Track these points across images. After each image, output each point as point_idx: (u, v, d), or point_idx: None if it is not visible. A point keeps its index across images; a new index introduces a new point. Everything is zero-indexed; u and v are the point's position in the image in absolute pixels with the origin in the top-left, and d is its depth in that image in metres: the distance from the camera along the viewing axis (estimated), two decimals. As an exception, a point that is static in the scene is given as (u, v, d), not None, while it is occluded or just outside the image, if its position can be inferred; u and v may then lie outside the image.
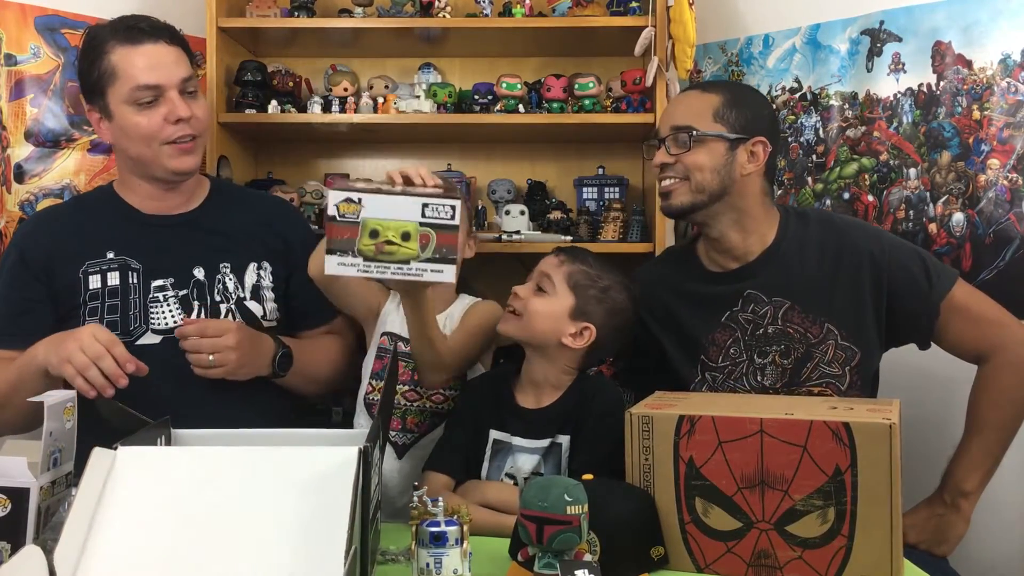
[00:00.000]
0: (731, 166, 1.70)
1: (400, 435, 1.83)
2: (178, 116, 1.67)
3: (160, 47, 1.68)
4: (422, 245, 1.30)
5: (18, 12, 2.24)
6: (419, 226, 1.31)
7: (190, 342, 1.62)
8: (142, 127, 1.67)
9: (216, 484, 1.10)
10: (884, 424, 1.24)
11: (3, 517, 1.13)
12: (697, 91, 1.79)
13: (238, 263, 1.79)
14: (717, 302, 1.76)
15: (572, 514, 1.10)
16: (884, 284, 1.70)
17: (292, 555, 1.03)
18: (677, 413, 1.34)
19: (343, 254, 1.33)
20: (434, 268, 1.30)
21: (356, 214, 1.33)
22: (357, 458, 1.07)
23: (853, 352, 1.69)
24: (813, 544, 1.27)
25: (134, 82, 1.66)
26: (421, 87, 2.38)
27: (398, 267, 1.31)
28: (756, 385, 1.72)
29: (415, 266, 1.30)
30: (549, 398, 1.62)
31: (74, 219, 1.80)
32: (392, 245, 1.31)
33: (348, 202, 1.34)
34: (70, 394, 1.24)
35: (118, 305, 1.70)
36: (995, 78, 2.06)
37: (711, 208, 1.72)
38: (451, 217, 1.30)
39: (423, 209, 1.31)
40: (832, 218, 1.84)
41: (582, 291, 1.60)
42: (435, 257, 1.31)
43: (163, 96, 1.67)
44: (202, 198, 1.85)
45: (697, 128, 1.69)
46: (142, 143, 1.69)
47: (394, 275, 1.32)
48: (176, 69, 1.69)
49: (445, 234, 1.30)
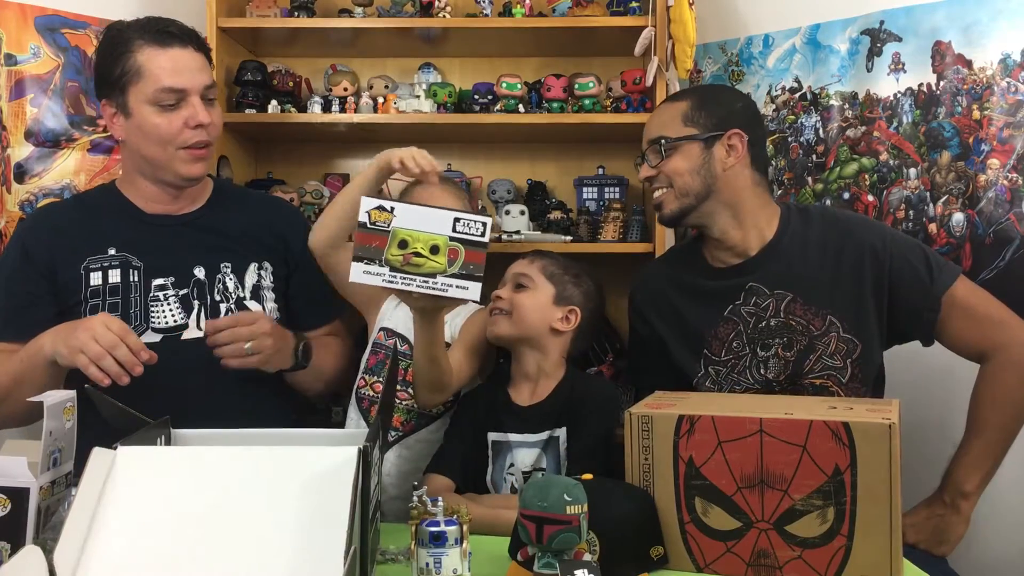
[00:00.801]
0: (710, 164, 1.74)
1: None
2: (198, 121, 1.69)
3: (187, 52, 1.71)
4: (450, 260, 1.29)
5: (18, 12, 2.24)
6: (449, 240, 1.30)
7: (226, 333, 1.61)
8: (162, 128, 1.69)
9: (216, 484, 1.11)
10: (884, 424, 1.24)
11: (3, 517, 1.13)
12: (668, 102, 1.86)
13: (239, 263, 1.79)
14: (719, 296, 1.77)
15: (572, 514, 1.11)
16: (886, 277, 1.70)
17: (292, 555, 1.03)
18: (677, 413, 1.34)
19: (370, 262, 1.32)
20: (460, 284, 1.29)
21: (387, 223, 1.31)
22: (357, 458, 1.07)
23: (855, 344, 1.69)
24: (813, 544, 1.27)
25: (160, 83, 1.67)
26: (421, 87, 2.38)
27: (423, 280, 1.30)
28: (759, 378, 1.73)
29: (441, 281, 1.29)
30: (544, 391, 1.67)
31: (76, 215, 1.80)
32: (420, 257, 1.30)
33: (380, 210, 1.33)
34: (70, 394, 1.24)
35: (119, 303, 1.71)
36: (995, 78, 2.06)
37: (702, 208, 1.75)
38: (481, 234, 1.30)
39: (455, 224, 1.30)
40: (834, 213, 1.86)
41: (558, 279, 1.74)
42: (462, 273, 1.29)
43: (185, 100, 1.69)
44: (205, 199, 1.85)
45: (667, 136, 1.75)
46: (158, 145, 1.70)
47: (419, 288, 1.30)
48: (201, 75, 1.72)
49: (474, 251, 1.29)
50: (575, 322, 1.71)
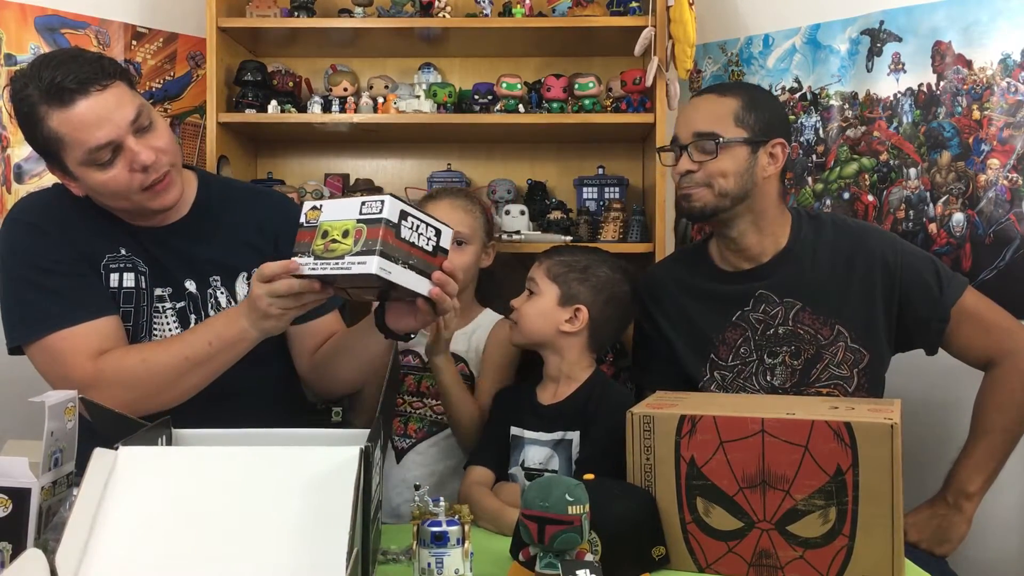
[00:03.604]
0: (753, 170, 1.70)
1: (400, 439, 1.88)
2: (141, 163, 1.53)
3: (94, 99, 1.50)
4: (355, 239, 1.33)
5: (18, 12, 2.24)
6: (356, 223, 1.34)
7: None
8: (110, 185, 1.55)
9: (217, 484, 1.10)
10: (885, 424, 1.24)
11: (4, 517, 1.12)
12: (714, 95, 1.76)
13: (227, 276, 1.72)
14: (728, 301, 1.77)
15: (573, 514, 1.11)
16: (896, 289, 1.70)
17: (293, 555, 1.03)
18: (678, 413, 1.34)
19: (303, 255, 1.38)
20: (359, 260, 1.31)
21: (316, 219, 1.39)
22: (358, 458, 1.07)
23: (862, 354, 1.69)
24: (814, 544, 1.27)
25: (84, 146, 1.51)
26: (421, 87, 2.38)
27: (336, 262, 1.33)
28: (765, 385, 1.73)
29: (347, 259, 1.32)
30: (564, 392, 1.67)
31: (74, 206, 1.66)
32: (336, 243, 1.34)
33: (314, 209, 1.41)
34: (71, 394, 1.23)
35: (131, 312, 1.64)
36: (995, 78, 2.07)
37: (731, 211, 1.72)
38: (379, 211, 1.32)
39: (360, 207, 1.34)
40: (846, 221, 1.84)
41: (562, 278, 1.70)
42: (363, 250, 1.31)
43: (121, 147, 1.53)
44: (189, 203, 1.73)
45: (722, 135, 1.69)
46: (117, 198, 1.59)
47: (333, 270, 1.34)
48: (121, 113, 1.52)
49: (372, 228, 1.32)
50: (583, 320, 1.67)
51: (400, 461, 1.88)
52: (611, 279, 1.72)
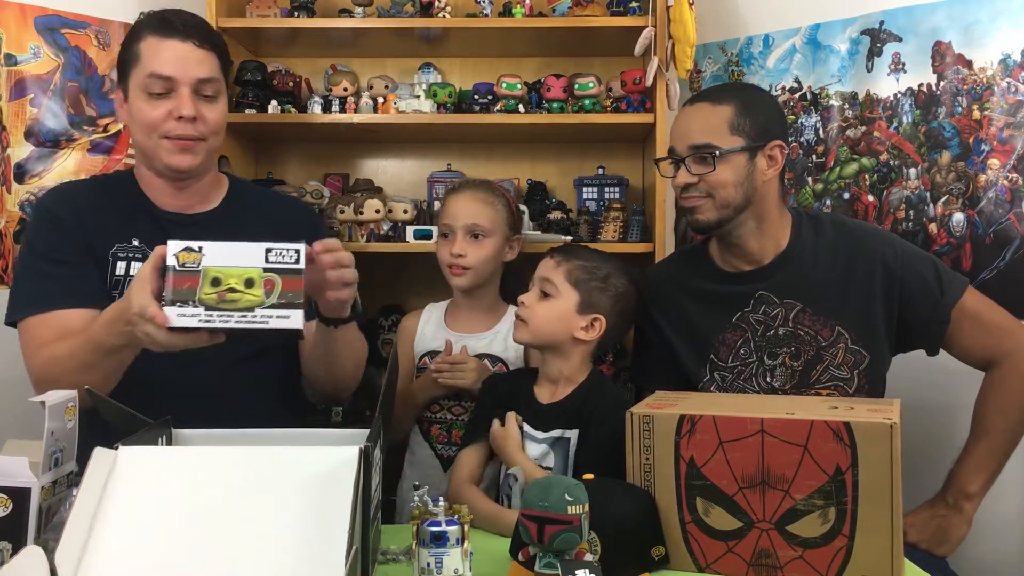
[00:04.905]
0: (752, 176, 1.69)
1: (445, 448, 1.87)
2: (181, 113, 1.66)
3: (187, 46, 1.67)
4: (267, 291, 1.27)
5: (18, 12, 2.25)
6: (263, 272, 1.28)
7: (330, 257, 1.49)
8: (146, 115, 1.67)
9: (217, 484, 1.10)
10: (885, 424, 1.24)
11: (4, 517, 1.12)
12: (708, 104, 1.73)
13: None
14: (729, 302, 1.77)
15: (573, 514, 1.11)
16: (896, 290, 1.70)
17: (293, 555, 1.03)
18: (678, 413, 1.34)
19: (183, 304, 1.28)
20: (280, 314, 1.26)
21: (197, 263, 1.30)
22: (358, 458, 1.07)
23: (862, 356, 1.69)
24: (814, 544, 1.27)
25: (149, 69, 1.66)
26: (421, 87, 2.38)
27: (242, 315, 1.27)
28: (765, 386, 1.73)
29: (260, 313, 1.27)
30: (563, 392, 1.65)
31: (97, 198, 1.76)
32: (235, 293, 1.28)
33: (188, 251, 1.31)
34: (71, 394, 1.23)
35: None
36: (995, 78, 2.07)
37: (736, 219, 1.72)
38: (296, 261, 1.28)
39: (266, 254, 1.29)
40: (846, 223, 1.83)
41: (584, 285, 1.65)
42: (281, 303, 1.27)
43: (175, 91, 1.66)
44: (219, 199, 1.82)
45: (719, 146, 1.67)
46: (143, 132, 1.69)
47: (238, 324, 1.28)
48: (195, 68, 1.67)
49: (290, 279, 1.28)
50: (600, 330, 1.63)
51: (447, 470, 1.84)
52: (628, 291, 1.69)
